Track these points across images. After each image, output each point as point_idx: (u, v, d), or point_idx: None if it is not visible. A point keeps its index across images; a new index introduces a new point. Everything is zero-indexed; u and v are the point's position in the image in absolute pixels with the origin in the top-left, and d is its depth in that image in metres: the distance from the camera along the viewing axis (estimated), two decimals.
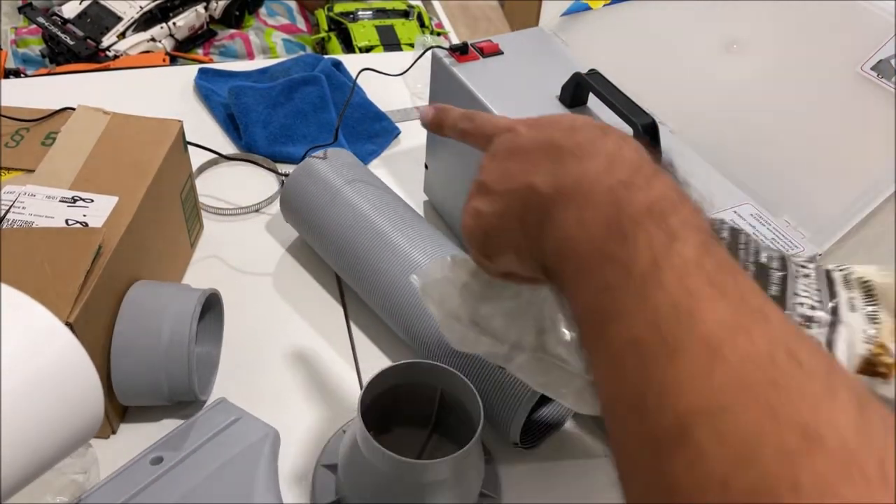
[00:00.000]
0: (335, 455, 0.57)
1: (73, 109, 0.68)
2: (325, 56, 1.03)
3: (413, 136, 0.94)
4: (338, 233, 0.67)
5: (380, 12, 1.33)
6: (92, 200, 0.59)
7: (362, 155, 0.89)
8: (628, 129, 0.62)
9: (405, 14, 1.34)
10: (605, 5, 0.72)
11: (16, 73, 1.13)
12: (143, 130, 0.66)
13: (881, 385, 0.35)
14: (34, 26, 1.23)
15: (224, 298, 0.63)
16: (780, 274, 0.38)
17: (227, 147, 0.90)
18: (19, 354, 0.34)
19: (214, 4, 1.32)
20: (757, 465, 0.22)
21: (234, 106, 0.90)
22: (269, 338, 0.68)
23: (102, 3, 1.22)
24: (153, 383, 0.56)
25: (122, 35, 1.21)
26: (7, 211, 0.57)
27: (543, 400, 0.61)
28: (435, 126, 0.45)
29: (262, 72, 1.01)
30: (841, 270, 0.38)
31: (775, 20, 0.60)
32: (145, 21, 1.23)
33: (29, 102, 0.68)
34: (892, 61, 0.53)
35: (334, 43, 1.29)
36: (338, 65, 1.00)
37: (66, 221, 0.57)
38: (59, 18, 1.19)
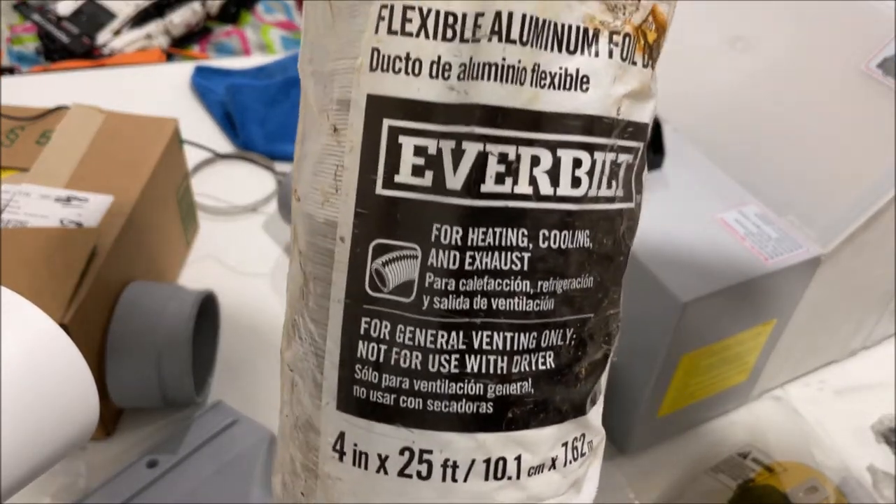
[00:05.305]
0: None
1: (68, 108, 0.67)
2: None
3: None
4: None
5: None
6: (87, 200, 0.58)
7: None
8: None
9: None
10: None
11: (10, 72, 1.12)
12: (139, 129, 0.66)
13: None
14: (29, 24, 1.22)
15: (220, 299, 0.62)
16: None
17: (224, 145, 0.89)
18: (12, 357, 0.33)
19: (211, 2, 1.31)
20: None
21: (230, 104, 0.89)
22: (267, 339, 0.67)
23: (98, 0, 1.21)
24: (149, 385, 0.55)
25: (118, 32, 1.20)
26: (1, 211, 0.56)
27: None
28: None
29: (260, 70, 1.00)
30: None
31: (780, 17, 0.60)
32: (141, 18, 1.22)
33: (24, 100, 0.67)
34: None
35: None
36: None
37: (61, 221, 0.56)
38: (54, 16, 1.19)
